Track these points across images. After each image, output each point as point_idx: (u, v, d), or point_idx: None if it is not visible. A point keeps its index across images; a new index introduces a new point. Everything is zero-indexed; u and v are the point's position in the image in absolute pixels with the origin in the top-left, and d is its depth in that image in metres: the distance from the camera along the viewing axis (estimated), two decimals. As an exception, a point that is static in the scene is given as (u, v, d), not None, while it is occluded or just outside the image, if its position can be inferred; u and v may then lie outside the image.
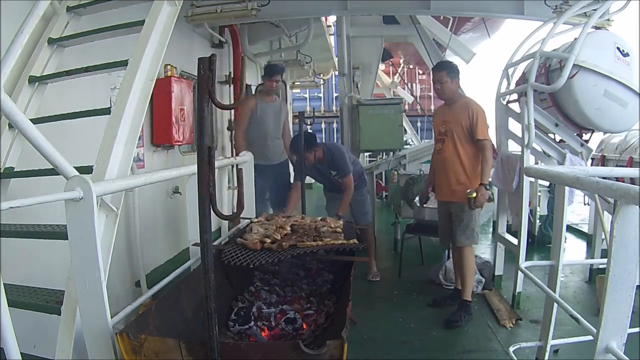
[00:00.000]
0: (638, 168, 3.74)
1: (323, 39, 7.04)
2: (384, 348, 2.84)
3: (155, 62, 2.02)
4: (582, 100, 3.04)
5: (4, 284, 1.34)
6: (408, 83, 12.46)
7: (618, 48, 3.06)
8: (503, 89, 3.73)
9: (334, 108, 13.35)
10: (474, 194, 2.99)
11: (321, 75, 9.50)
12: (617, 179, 1.75)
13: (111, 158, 1.76)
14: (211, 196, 1.36)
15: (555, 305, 2.11)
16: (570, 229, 5.58)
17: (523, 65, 3.59)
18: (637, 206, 1.17)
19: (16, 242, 1.93)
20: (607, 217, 3.39)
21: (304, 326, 2.19)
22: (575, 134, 3.38)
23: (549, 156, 3.36)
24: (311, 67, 7.37)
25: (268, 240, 2.30)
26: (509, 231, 3.86)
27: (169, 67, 3.75)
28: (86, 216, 1.49)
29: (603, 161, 4.51)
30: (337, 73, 5.60)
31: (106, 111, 1.98)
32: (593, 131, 3.38)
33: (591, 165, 3.94)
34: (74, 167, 1.65)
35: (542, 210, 5.11)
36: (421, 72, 12.86)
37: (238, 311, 2.26)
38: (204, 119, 1.35)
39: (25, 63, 2.20)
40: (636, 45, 3.12)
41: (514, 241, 3.45)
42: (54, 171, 1.64)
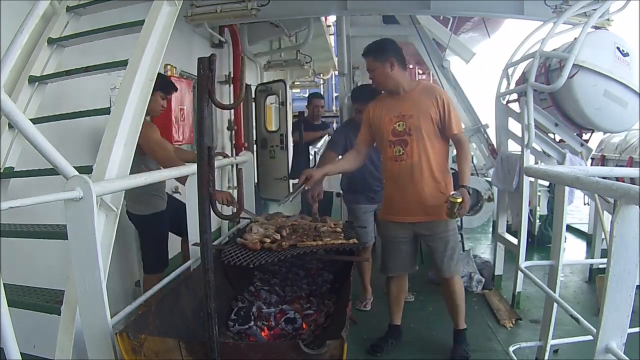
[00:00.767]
0: (638, 168, 3.74)
1: (323, 39, 7.04)
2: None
3: (155, 62, 2.01)
4: (582, 100, 3.04)
5: (4, 284, 1.34)
6: (408, 83, 12.44)
7: (618, 48, 3.06)
8: (503, 89, 3.73)
9: (334, 108, 13.32)
10: (459, 199, 2.27)
11: (321, 75, 9.51)
12: (617, 179, 1.75)
13: (111, 158, 1.76)
14: (211, 196, 1.36)
15: (555, 305, 2.11)
16: (570, 229, 5.58)
17: (523, 65, 3.59)
18: (637, 206, 1.17)
19: (16, 242, 1.93)
20: (607, 217, 3.40)
21: (304, 326, 2.19)
22: (575, 134, 3.38)
23: (549, 156, 3.36)
24: (311, 67, 7.37)
25: (268, 240, 2.30)
26: (509, 231, 3.86)
27: (169, 67, 3.76)
28: (86, 216, 1.49)
29: (603, 161, 4.50)
30: (337, 73, 5.59)
31: (106, 111, 1.98)
32: (593, 131, 3.39)
33: (591, 165, 3.95)
34: (74, 167, 1.65)
35: (542, 210, 5.11)
36: (421, 72, 12.84)
37: (238, 311, 2.26)
38: (204, 119, 1.35)
39: (25, 63, 2.20)
40: (636, 45, 3.13)
41: (514, 241, 3.44)
42: (54, 171, 1.64)
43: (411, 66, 11.55)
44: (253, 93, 5.87)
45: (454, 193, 2.32)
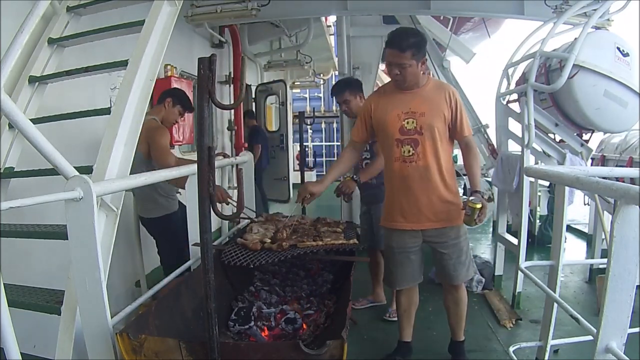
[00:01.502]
0: (638, 168, 3.74)
1: (323, 39, 7.05)
2: (384, 348, 2.84)
3: (155, 62, 2.02)
4: (582, 100, 3.04)
5: (4, 284, 1.34)
6: (408, 83, 12.43)
7: (618, 48, 3.06)
8: (503, 89, 3.73)
9: (334, 108, 13.33)
10: (479, 204, 2.11)
11: (321, 75, 9.51)
12: (617, 179, 1.75)
13: (111, 158, 1.76)
14: (211, 196, 1.36)
15: (555, 305, 2.11)
16: (570, 229, 5.58)
17: (523, 65, 3.59)
18: (637, 206, 1.17)
19: (16, 242, 1.93)
20: (607, 217, 3.40)
21: (304, 326, 2.19)
22: (575, 134, 3.38)
23: (549, 156, 3.36)
24: (311, 67, 7.38)
25: (268, 240, 2.30)
26: (509, 231, 3.86)
27: (169, 67, 3.77)
28: (86, 216, 1.49)
29: (603, 161, 4.51)
30: (337, 73, 5.60)
31: (106, 111, 1.98)
32: (593, 131, 3.39)
33: (591, 165, 3.94)
34: (74, 167, 1.65)
35: (542, 210, 5.11)
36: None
37: (238, 311, 2.26)
38: (204, 119, 1.35)
39: (25, 63, 2.20)
40: (636, 45, 3.13)
41: (514, 241, 3.44)
42: (54, 171, 1.64)
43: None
44: (253, 93, 5.87)
45: (473, 198, 2.14)
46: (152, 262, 3.39)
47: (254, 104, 5.84)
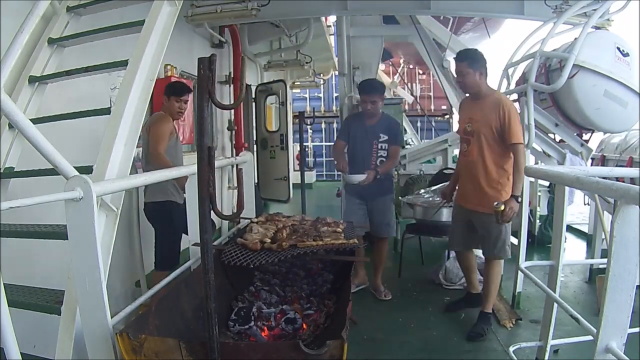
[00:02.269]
0: (638, 168, 3.74)
1: (323, 39, 7.05)
2: (384, 348, 2.84)
3: (155, 62, 2.02)
4: (582, 100, 3.04)
5: (4, 284, 1.34)
6: (408, 83, 12.46)
7: (618, 48, 3.06)
8: (503, 89, 3.73)
9: (334, 108, 13.36)
10: (502, 207, 2.62)
11: (321, 75, 9.51)
12: (617, 179, 1.75)
13: (111, 158, 1.76)
14: (211, 196, 1.36)
15: (555, 305, 2.11)
16: (570, 229, 5.58)
17: (523, 65, 3.59)
18: (637, 206, 1.17)
19: (16, 242, 1.93)
20: (607, 217, 3.39)
21: (304, 326, 2.19)
22: (575, 134, 3.38)
23: (549, 156, 3.36)
24: (311, 67, 7.38)
25: (268, 240, 2.30)
26: (509, 231, 3.86)
27: (169, 67, 3.76)
28: (86, 216, 1.49)
29: (603, 161, 4.51)
30: (337, 73, 5.59)
31: (106, 111, 1.98)
32: (593, 131, 3.39)
33: (591, 165, 3.94)
34: (74, 167, 1.65)
35: (542, 210, 5.11)
36: (421, 72, 12.87)
37: (238, 311, 2.26)
38: (204, 119, 1.35)
39: (25, 63, 2.20)
40: (636, 45, 3.13)
41: (514, 241, 3.44)
42: (54, 171, 1.64)
43: (411, 66, 11.60)
44: (253, 93, 5.87)
45: (497, 203, 2.65)
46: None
47: (254, 104, 5.83)
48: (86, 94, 2.77)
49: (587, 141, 3.44)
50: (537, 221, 5.03)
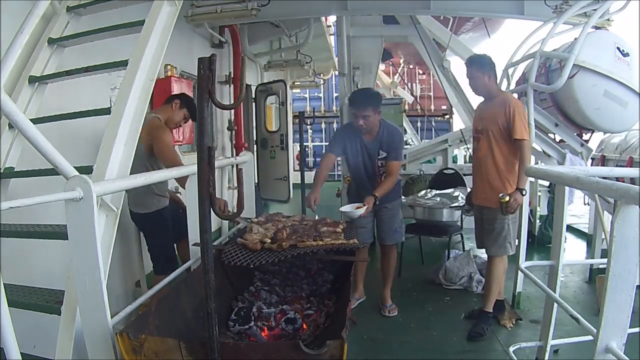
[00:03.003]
0: (638, 168, 3.73)
1: (323, 39, 7.04)
2: (384, 348, 2.84)
3: (155, 62, 2.02)
4: (582, 100, 3.04)
5: (4, 284, 1.34)
6: (408, 83, 12.47)
7: (618, 48, 3.06)
8: (503, 89, 3.73)
9: (334, 108, 13.33)
10: (507, 198, 2.73)
11: (321, 75, 9.51)
12: (617, 179, 1.74)
13: (111, 158, 1.76)
14: (211, 196, 1.36)
15: (555, 305, 2.11)
16: (570, 229, 5.58)
17: (523, 65, 3.59)
18: (637, 206, 1.17)
19: (16, 242, 1.93)
20: (607, 217, 3.39)
21: (304, 326, 2.18)
22: (575, 134, 3.38)
23: (549, 156, 3.36)
24: (311, 67, 7.37)
25: (268, 240, 2.30)
26: (509, 231, 3.85)
27: (169, 67, 3.76)
28: (86, 216, 1.48)
29: (603, 161, 4.50)
30: (337, 73, 5.59)
31: (106, 111, 1.98)
32: (593, 131, 3.39)
33: (591, 165, 3.94)
34: (74, 167, 1.65)
35: (542, 210, 5.11)
36: (421, 72, 12.85)
37: (238, 311, 2.25)
38: (204, 119, 1.35)
39: (25, 63, 2.20)
40: (636, 45, 3.13)
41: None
42: (54, 171, 1.64)
43: (411, 66, 11.60)
44: (253, 93, 5.87)
45: (502, 194, 2.75)
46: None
47: (254, 104, 5.83)
48: (86, 94, 2.77)
49: (587, 141, 3.44)
50: (537, 221, 5.03)
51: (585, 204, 5.00)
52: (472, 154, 3.39)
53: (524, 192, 2.82)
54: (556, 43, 3.36)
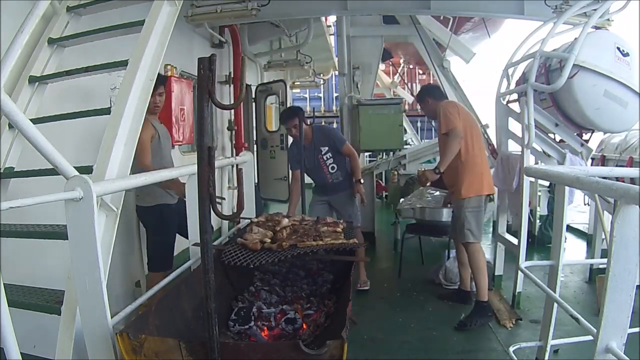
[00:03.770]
0: (638, 168, 3.74)
1: (323, 39, 7.04)
2: (384, 348, 2.84)
3: (155, 62, 2.02)
4: (582, 100, 3.04)
5: (4, 284, 1.34)
6: (408, 83, 12.46)
7: (618, 48, 3.06)
8: (503, 89, 3.73)
9: (334, 108, 13.35)
10: (422, 170, 3.43)
11: (321, 75, 9.51)
12: (617, 179, 1.74)
13: (111, 158, 1.76)
14: (211, 196, 1.36)
15: (555, 305, 2.11)
16: (570, 229, 5.58)
17: (523, 65, 3.59)
18: (637, 206, 1.17)
19: (16, 242, 1.93)
20: (607, 217, 3.39)
21: (304, 326, 2.18)
22: (575, 134, 3.38)
23: (549, 156, 3.35)
24: (311, 67, 7.37)
25: (268, 240, 2.30)
26: (509, 231, 3.86)
27: (169, 67, 3.76)
28: (86, 216, 1.49)
29: (603, 161, 4.51)
30: (337, 73, 5.60)
31: (106, 111, 1.98)
32: (593, 131, 3.38)
33: (591, 165, 3.94)
34: (74, 167, 1.65)
35: (542, 210, 5.11)
36: (421, 72, 12.86)
37: (238, 311, 2.25)
38: (204, 119, 1.35)
39: (25, 63, 2.20)
40: (636, 45, 3.12)
41: (514, 241, 3.44)
42: (54, 171, 1.64)
43: (411, 66, 11.59)
44: (253, 93, 5.87)
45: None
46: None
47: (254, 104, 5.83)
48: (86, 94, 2.77)
49: (587, 141, 3.44)
50: (537, 221, 5.03)
51: (585, 204, 5.00)
52: None
53: (437, 171, 3.20)
54: (556, 43, 3.36)
